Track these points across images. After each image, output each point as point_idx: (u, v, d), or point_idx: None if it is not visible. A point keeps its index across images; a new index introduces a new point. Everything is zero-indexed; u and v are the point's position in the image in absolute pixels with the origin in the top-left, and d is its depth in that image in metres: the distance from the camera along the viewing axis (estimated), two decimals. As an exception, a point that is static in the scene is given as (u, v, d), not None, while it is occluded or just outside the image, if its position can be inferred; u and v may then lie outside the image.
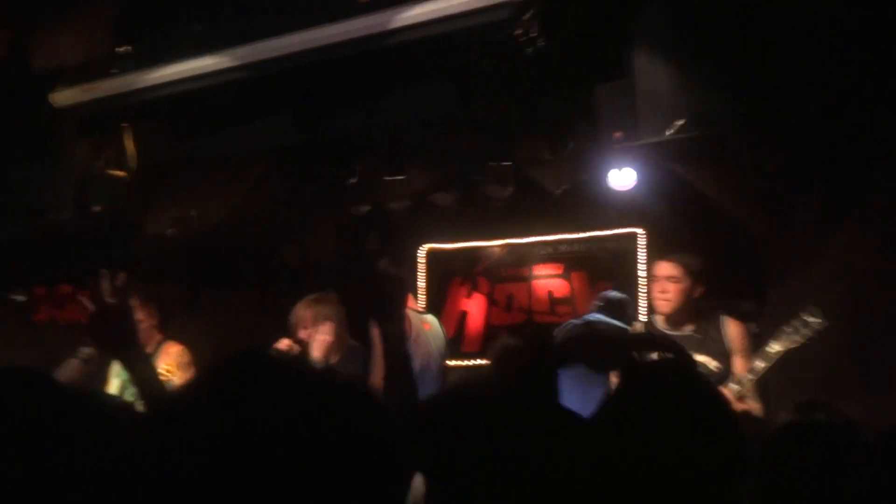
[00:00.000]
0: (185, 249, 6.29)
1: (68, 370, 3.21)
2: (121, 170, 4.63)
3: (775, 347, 3.61)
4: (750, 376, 3.64)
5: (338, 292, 5.19)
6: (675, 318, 4.05)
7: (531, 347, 2.60)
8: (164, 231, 6.23)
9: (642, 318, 6.53)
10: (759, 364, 3.63)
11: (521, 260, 7.18)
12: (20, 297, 5.67)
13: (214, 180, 6.25)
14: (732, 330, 4.00)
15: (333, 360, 4.34)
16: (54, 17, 4.41)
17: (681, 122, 3.01)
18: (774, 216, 4.86)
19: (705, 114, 3.08)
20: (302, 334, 4.27)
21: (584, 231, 6.99)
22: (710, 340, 3.97)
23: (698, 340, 3.97)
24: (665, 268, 4.05)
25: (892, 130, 3.53)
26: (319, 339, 4.21)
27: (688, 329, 4.04)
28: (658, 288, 4.03)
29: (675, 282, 3.99)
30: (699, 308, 4.09)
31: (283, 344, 4.18)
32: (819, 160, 4.21)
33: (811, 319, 3.59)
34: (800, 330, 3.60)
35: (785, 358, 3.73)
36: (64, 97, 4.28)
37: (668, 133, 3.00)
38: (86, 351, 3.32)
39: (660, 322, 4.12)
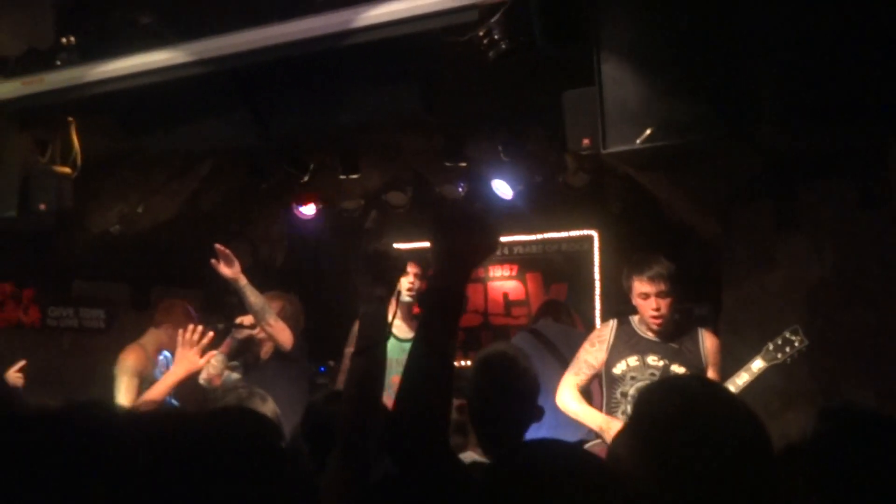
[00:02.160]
0: (132, 246, 6.11)
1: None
2: (66, 166, 4.45)
3: (759, 364, 3.75)
4: (731, 389, 3.69)
5: (287, 290, 5.12)
6: (664, 332, 4.04)
7: None
8: (109, 227, 6.04)
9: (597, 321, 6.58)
10: (742, 378, 3.74)
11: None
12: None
13: (162, 176, 6.09)
14: (709, 343, 4.04)
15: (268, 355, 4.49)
16: (-5, 6, 4.21)
17: (649, 132, 2.98)
18: (730, 224, 4.90)
19: (672, 123, 3.06)
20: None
21: (539, 233, 6.99)
22: (686, 351, 4.00)
23: (675, 350, 4.00)
24: (653, 285, 4.00)
25: (843, 145, 3.57)
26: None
27: (663, 338, 4.05)
28: (651, 306, 3.99)
29: (663, 297, 3.98)
30: (672, 318, 4.10)
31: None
32: (776, 169, 4.25)
33: (793, 338, 3.71)
34: (782, 348, 3.72)
35: (740, 362, 3.82)
36: (5, 90, 4.09)
37: (638, 142, 2.97)
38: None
39: (641, 327, 4.10)
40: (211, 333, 3.94)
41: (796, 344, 3.72)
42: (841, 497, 1.64)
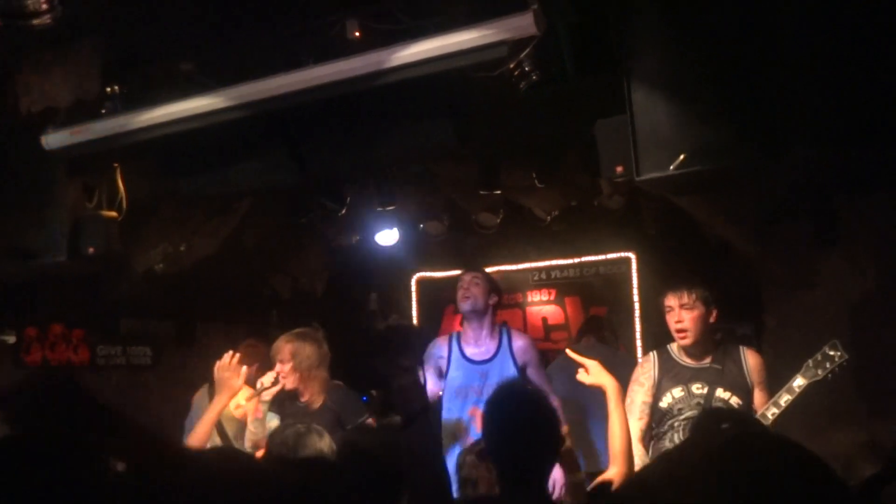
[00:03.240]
0: (175, 284, 6.24)
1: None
2: (112, 210, 4.59)
3: (800, 381, 3.66)
4: (774, 410, 3.66)
5: (323, 327, 5.07)
6: (696, 350, 4.00)
7: None
8: (153, 266, 6.18)
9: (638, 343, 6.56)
10: (784, 398, 3.67)
11: (513, 286, 7.18)
12: (10, 338, 5.59)
13: (203, 214, 6.22)
14: (752, 362, 3.98)
15: (318, 400, 4.25)
16: (43, 59, 4.37)
17: (682, 157, 3.01)
18: (768, 242, 4.88)
19: (704, 148, 3.09)
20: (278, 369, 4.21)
21: (576, 256, 7.01)
22: (729, 373, 3.94)
23: (717, 372, 3.94)
24: (675, 297, 3.99)
25: (882, 159, 3.56)
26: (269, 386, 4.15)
27: (707, 360, 4.01)
28: (674, 318, 3.97)
29: (688, 309, 3.94)
30: (714, 338, 4.08)
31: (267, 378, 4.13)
32: (812, 187, 4.24)
33: (833, 353, 3.65)
34: (822, 364, 3.65)
35: (782, 381, 3.77)
36: (54, 139, 4.24)
37: (671, 168, 3.00)
38: None
39: (680, 354, 4.07)
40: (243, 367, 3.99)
41: (836, 359, 3.65)
42: None
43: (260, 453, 3.98)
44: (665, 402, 3.98)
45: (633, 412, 3.93)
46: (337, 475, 2.49)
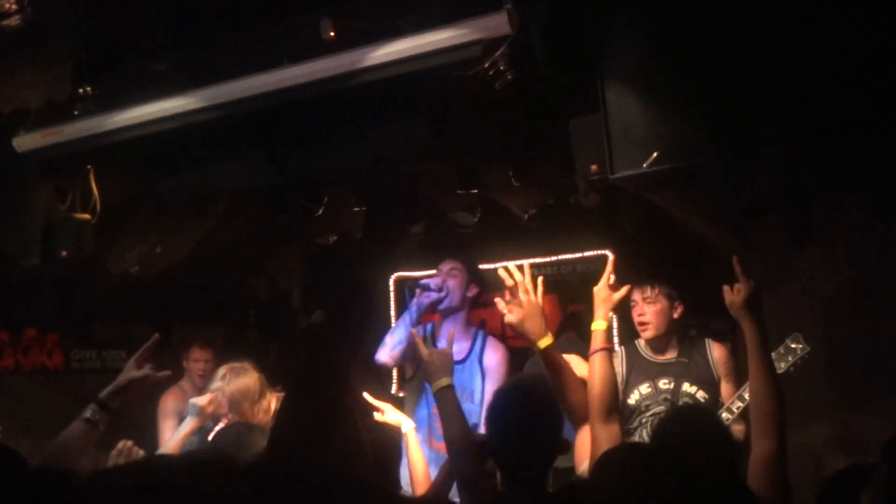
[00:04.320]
0: (151, 287, 6.19)
1: (72, 436, 2.58)
2: (86, 212, 4.55)
3: None
4: (739, 404, 3.68)
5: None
6: (659, 343, 4.03)
7: None
8: (129, 269, 6.13)
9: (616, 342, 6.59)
10: (748, 391, 3.66)
11: (491, 285, 7.17)
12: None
13: (178, 215, 6.18)
14: (718, 354, 4.02)
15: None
16: (13, 60, 4.33)
17: (655, 155, 3.03)
18: (744, 239, 4.92)
19: (677, 145, 3.11)
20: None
21: (553, 255, 7.01)
22: (695, 366, 3.98)
23: (684, 366, 3.98)
24: (639, 291, 4.05)
25: (857, 155, 3.59)
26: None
27: (673, 355, 4.04)
28: (637, 312, 4.03)
29: (650, 303, 4.00)
30: (682, 332, 4.10)
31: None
32: (788, 183, 4.28)
33: (795, 346, 3.67)
34: (785, 357, 3.67)
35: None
36: (26, 141, 4.20)
37: (645, 166, 3.02)
38: (92, 412, 2.66)
39: (646, 350, 4.10)
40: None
41: (798, 351, 3.67)
42: None
43: None
44: (633, 399, 4.02)
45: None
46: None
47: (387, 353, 4.10)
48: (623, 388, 4.01)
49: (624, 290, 3.12)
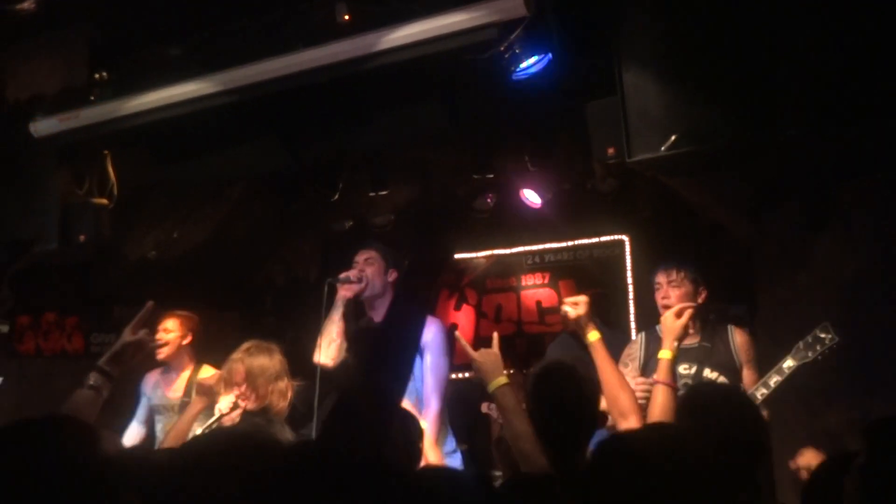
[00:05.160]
0: (168, 271, 6.22)
1: (81, 402, 2.62)
2: (103, 197, 4.56)
3: (789, 363, 3.65)
4: (763, 391, 3.65)
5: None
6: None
7: None
8: (146, 254, 6.16)
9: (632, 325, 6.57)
10: (773, 379, 3.66)
11: (507, 270, 7.18)
12: (3, 328, 5.57)
13: (195, 201, 6.20)
14: (740, 340, 3.97)
15: (283, 409, 3.80)
16: (30, 46, 4.34)
17: (673, 138, 3.00)
18: (761, 224, 4.87)
19: (695, 129, 3.07)
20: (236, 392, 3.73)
21: (570, 240, 7.00)
22: (717, 352, 3.93)
23: (706, 351, 3.93)
24: (664, 274, 4.00)
25: (875, 139, 3.55)
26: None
27: (695, 340, 4.00)
28: (661, 295, 3.97)
29: (675, 286, 3.94)
30: (705, 317, 4.06)
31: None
32: (806, 168, 4.23)
33: (823, 335, 3.63)
34: (813, 346, 3.64)
35: (775, 363, 3.77)
36: (43, 126, 4.21)
37: (663, 149, 2.99)
38: (95, 378, 2.68)
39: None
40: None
41: (827, 341, 3.65)
42: None
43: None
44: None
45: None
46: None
47: (323, 354, 4.04)
48: (641, 374, 3.99)
49: (686, 316, 3.13)
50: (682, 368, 3.94)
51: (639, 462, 1.43)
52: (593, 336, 3.02)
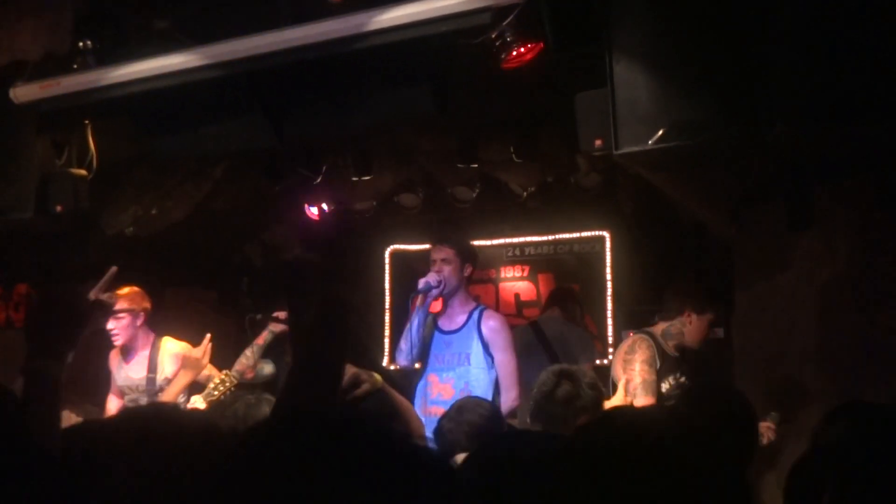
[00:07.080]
0: (146, 248, 6.15)
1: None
2: (82, 168, 4.49)
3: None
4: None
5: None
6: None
7: None
8: (123, 229, 6.08)
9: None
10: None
11: (487, 262, 7.16)
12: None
13: (176, 178, 6.12)
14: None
15: None
16: (12, 11, 4.26)
17: (661, 132, 2.99)
18: (743, 223, 4.90)
19: (684, 122, 3.07)
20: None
21: (551, 234, 7.00)
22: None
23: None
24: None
25: (858, 142, 3.57)
26: None
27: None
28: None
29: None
30: None
31: None
32: (789, 169, 4.25)
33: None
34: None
35: (752, 361, 3.83)
36: (24, 93, 4.14)
37: (650, 143, 2.98)
38: None
39: (665, 343, 4.29)
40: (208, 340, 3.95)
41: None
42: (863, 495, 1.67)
43: (250, 375, 3.99)
44: (664, 388, 4.12)
45: (648, 390, 4.05)
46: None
47: (406, 357, 4.44)
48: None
49: None
50: (680, 377, 4.21)
51: (637, 433, 1.41)
52: None
